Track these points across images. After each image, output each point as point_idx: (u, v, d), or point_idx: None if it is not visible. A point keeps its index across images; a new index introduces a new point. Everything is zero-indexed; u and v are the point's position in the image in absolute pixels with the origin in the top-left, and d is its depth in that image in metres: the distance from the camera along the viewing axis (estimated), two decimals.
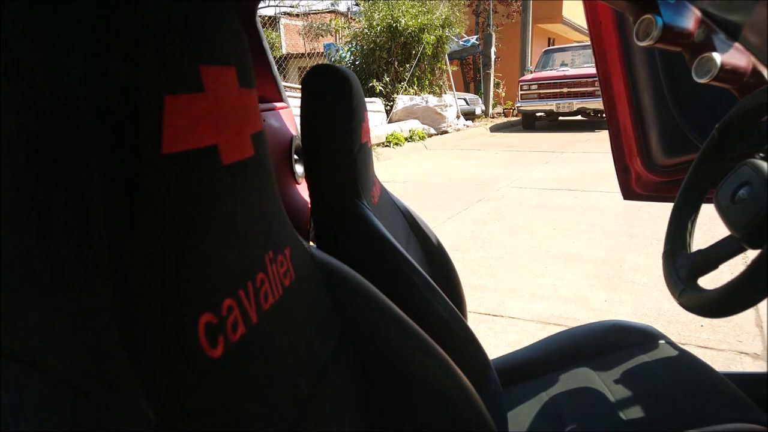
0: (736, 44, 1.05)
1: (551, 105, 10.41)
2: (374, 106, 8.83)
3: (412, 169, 6.85)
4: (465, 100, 12.55)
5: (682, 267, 0.92)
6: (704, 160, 0.99)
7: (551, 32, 18.34)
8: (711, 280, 0.77)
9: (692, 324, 2.26)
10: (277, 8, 12.91)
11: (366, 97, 9.46)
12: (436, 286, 0.83)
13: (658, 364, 1.06)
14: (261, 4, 1.09)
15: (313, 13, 13.25)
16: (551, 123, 11.49)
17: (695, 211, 1.00)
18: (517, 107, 11.31)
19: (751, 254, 0.75)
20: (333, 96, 0.82)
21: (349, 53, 10.61)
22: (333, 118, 0.82)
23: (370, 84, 9.79)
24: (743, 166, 0.87)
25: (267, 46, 1.19)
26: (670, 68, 1.26)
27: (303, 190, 1.14)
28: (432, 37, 10.05)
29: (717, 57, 1.01)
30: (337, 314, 0.52)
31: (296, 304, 0.44)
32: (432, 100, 9.75)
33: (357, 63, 10.50)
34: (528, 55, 13.83)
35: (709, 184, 0.98)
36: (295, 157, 1.11)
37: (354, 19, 11.55)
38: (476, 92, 13.97)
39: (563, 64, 11.13)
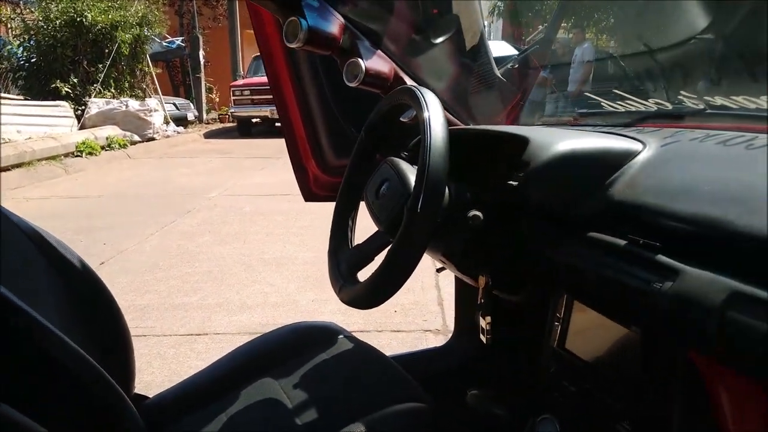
0: (379, 51, 1.11)
1: (266, 111, 10.48)
2: (59, 111, 7.63)
3: (110, 181, 6.12)
4: (175, 104, 11.80)
5: (342, 262, 0.93)
6: (356, 159, 1.02)
7: None
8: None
9: (388, 311, 2.45)
10: None
11: (49, 99, 8.15)
12: (42, 320, 0.65)
13: (335, 360, 1.08)
14: None
15: None
16: (268, 129, 11.62)
17: (354, 208, 1.03)
18: (231, 113, 11.11)
19: None
20: None
21: (21, 49, 8.92)
22: None
23: (53, 85, 8.41)
24: (384, 164, 0.91)
25: None
26: (330, 72, 1.29)
27: None
28: (128, 35, 9.14)
29: (362, 63, 1.05)
30: None
31: None
32: (133, 104, 8.88)
33: (33, 61, 8.91)
34: (239, 60, 13.73)
35: (363, 183, 1.01)
36: None
37: (29, 10, 9.76)
38: (187, 97, 13.28)
39: None
